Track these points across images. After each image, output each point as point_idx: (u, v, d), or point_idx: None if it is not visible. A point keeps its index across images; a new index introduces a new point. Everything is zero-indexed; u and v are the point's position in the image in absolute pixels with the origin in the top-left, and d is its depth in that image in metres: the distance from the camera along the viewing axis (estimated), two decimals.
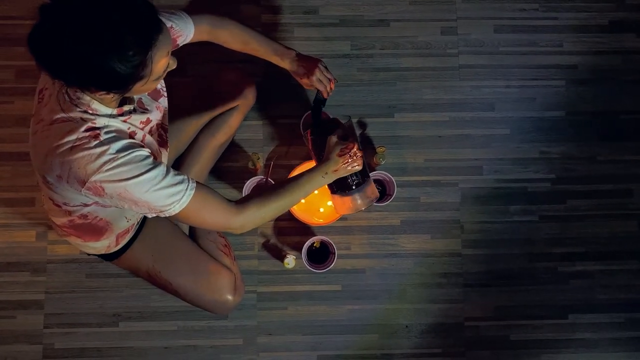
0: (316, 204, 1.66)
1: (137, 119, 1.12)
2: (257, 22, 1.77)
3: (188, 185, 1.05)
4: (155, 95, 1.22)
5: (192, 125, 1.51)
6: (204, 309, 1.52)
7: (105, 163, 0.98)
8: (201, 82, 1.65)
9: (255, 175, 1.63)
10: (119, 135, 1.03)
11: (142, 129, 1.14)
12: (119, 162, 0.99)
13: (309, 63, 1.37)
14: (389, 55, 1.79)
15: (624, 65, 1.81)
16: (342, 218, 1.63)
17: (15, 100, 1.73)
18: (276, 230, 1.71)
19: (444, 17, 1.80)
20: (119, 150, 0.99)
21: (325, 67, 1.39)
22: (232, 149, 1.72)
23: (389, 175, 1.61)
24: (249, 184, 1.61)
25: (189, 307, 1.60)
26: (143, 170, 1.00)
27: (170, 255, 1.46)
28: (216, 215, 1.09)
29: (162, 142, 1.27)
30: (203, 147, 1.56)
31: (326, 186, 1.35)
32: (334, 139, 1.27)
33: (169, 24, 1.18)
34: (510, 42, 1.80)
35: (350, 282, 1.70)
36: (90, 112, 1.01)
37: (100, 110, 1.02)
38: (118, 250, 1.40)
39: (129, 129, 1.09)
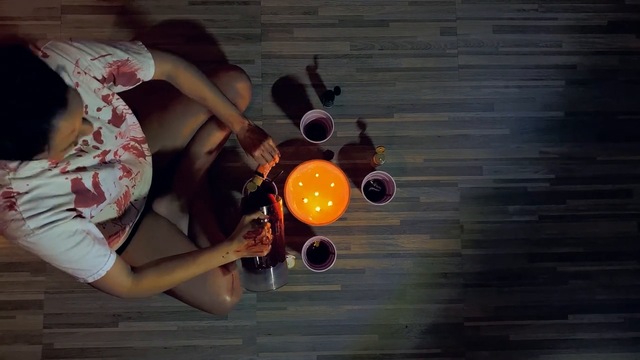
0: (314, 204, 1.66)
1: (83, 160, 1.10)
2: (257, 22, 1.77)
3: (105, 264, 1.11)
4: (116, 121, 1.20)
5: (189, 125, 1.51)
6: (201, 309, 1.51)
7: (24, 235, 0.99)
8: None
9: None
10: (39, 203, 0.99)
11: (101, 161, 1.15)
12: (37, 237, 1.00)
13: (256, 137, 1.40)
14: (388, 56, 1.79)
15: (623, 65, 1.81)
16: (342, 218, 1.63)
17: None
18: None
19: (444, 18, 1.81)
20: (37, 228, 0.99)
21: (272, 146, 1.41)
22: (232, 149, 1.72)
23: (389, 175, 1.62)
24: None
25: (188, 307, 1.60)
26: (64, 249, 1.03)
27: (167, 255, 1.45)
28: (116, 290, 1.17)
29: (140, 153, 1.30)
30: (200, 147, 1.56)
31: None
32: (247, 219, 1.26)
33: (125, 57, 1.16)
34: (510, 43, 1.80)
35: (349, 282, 1.70)
36: (8, 170, 0.97)
37: (21, 169, 0.98)
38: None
39: (67, 178, 1.06)
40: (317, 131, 1.71)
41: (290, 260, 1.61)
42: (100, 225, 1.23)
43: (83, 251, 1.07)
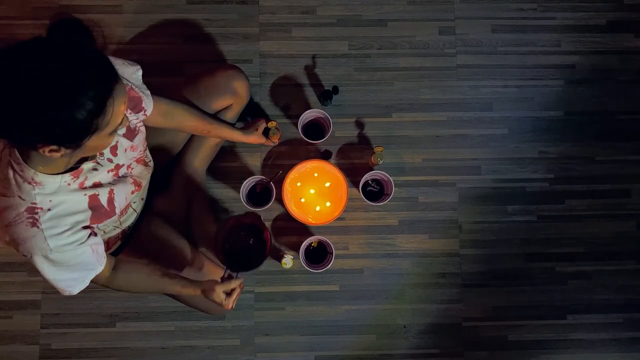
0: (312, 204, 1.65)
1: (99, 175, 1.11)
2: (255, 22, 1.77)
3: (92, 274, 1.14)
4: (130, 135, 1.20)
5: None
6: (199, 310, 1.51)
7: (43, 252, 1.01)
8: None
9: (272, 144, 1.65)
10: (60, 221, 1.02)
11: (114, 175, 1.16)
12: (54, 255, 1.02)
13: (252, 125, 1.59)
14: (386, 55, 1.78)
15: (621, 65, 1.80)
16: (340, 218, 1.63)
17: None
18: (274, 230, 1.71)
19: (442, 17, 1.80)
20: (56, 247, 1.01)
21: (262, 123, 1.60)
22: (229, 148, 1.72)
23: (387, 175, 1.61)
24: (247, 184, 1.61)
25: (186, 308, 1.59)
26: (70, 264, 1.07)
27: (164, 254, 1.45)
28: (97, 283, 1.21)
29: (145, 163, 1.33)
30: (198, 146, 1.56)
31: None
32: (220, 290, 1.26)
33: (129, 84, 1.16)
34: (508, 42, 1.80)
35: (348, 282, 1.70)
36: (34, 185, 0.97)
37: (46, 183, 0.99)
38: (110, 253, 1.39)
39: (85, 194, 1.08)
40: (316, 131, 1.70)
41: (289, 260, 1.61)
42: (101, 230, 1.23)
43: (84, 267, 1.10)
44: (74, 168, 1.03)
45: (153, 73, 1.43)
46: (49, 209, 1.00)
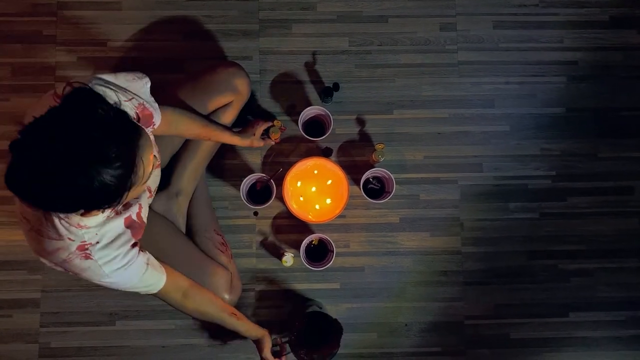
0: (312, 202, 1.64)
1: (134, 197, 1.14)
2: (255, 18, 1.76)
3: (159, 284, 1.25)
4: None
5: None
6: None
7: (101, 277, 1.09)
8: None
9: (272, 143, 1.62)
10: (110, 248, 1.08)
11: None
12: (112, 278, 1.10)
13: (249, 129, 1.55)
14: (387, 52, 1.77)
15: (624, 61, 1.79)
16: (341, 216, 1.62)
17: (11, 97, 1.72)
18: (274, 228, 1.70)
19: (443, 13, 1.79)
20: (112, 271, 1.09)
21: (263, 125, 1.57)
22: (229, 145, 1.70)
23: (388, 173, 1.60)
24: (247, 182, 1.60)
25: None
26: (132, 282, 1.17)
27: (165, 253, 1.43)
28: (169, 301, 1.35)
29: (158, 166, 1.36)
30: (198, 144, 1.55)
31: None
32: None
33: (141, 100, 1.15)
34: (510, 38, 1.79)
35: (349, 280, 1.69)
36: (80, 228, 1.01)
37: (91, 224, 1.03)
38: None
39: (122, 217, 1.12)
40: (316, 128, 1.69)
41: (289, 258, 1.60)
42: None
43: (146, 281, 1.19)
44: None
45: (153, 70, 1.42)
46: (97, 242, 1.05)
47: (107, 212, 1.04)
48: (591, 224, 1.74)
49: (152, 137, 1.23)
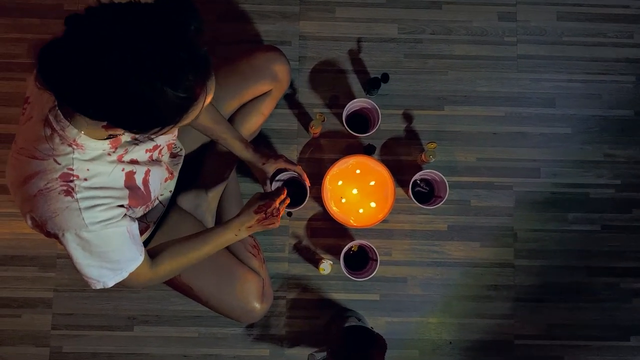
0: (354, 204, 1.49)
1: (137, 152, 0.98)
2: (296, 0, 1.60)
3: (132, 266, 0.98)
4: None
5: (225, 107, 1.35)
6: (227, 316, 1.37)
7: (77, 227, 0.87)
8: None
9: (312, 137, 1.48)
10: (97, 193, 0.88)
11: (149, 158, 1.04)
12: (89, 234, 0.88)
13: (270, 155, 1.29)
14: (440, 41, 1.61)
15: None
16: (383, 221, 1.47)
17: (28, 77, 1.57)
18: (309, 230, 1.55)
19: (502, 2, 1.63)
20: (92, 223, 0.87)
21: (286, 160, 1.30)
22: (262, 140, 1.57)
23: (440, 175, 1.44)
24: (280, 178, 1.45)
25: (210, 312, 1.46)
26: (106, 249, 0.92)
27: None
28: (134, 283, 1.03)
29: (173, 154, 1.20)
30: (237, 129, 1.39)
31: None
32: (256, 195, 1.15)
33: None
34: (575, 31, 1.62)
35: (389, 292, 1.54)
36: (74, 147, 0.85)
37: (87, 148, 0.86)
38: None
39: (123, 169, 0.94)
40: (359, 123, 1.54)
41: (327, 265, 1.45)
42: None
43: (121, 253, 0.94)
44: (112, 135, 0.89)
45: None
46: (86, 179, 0.87)
47: (106, 145, 0.88)
48: None
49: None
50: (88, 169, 0.87)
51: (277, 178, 1.43)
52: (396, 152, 1.57)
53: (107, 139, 0.88)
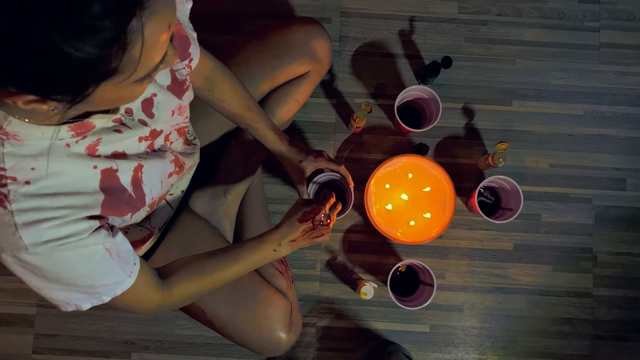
0: (402, 214, 1.24)
1: (124, 141, 0.72)
2: None
3: (119, 288, 0.72)
4: (177, 90, 0.81)
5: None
6: (247, 348, 1.11)
7: (13, 249, 0.61)
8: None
9: (353, 133, 1.24)
10: (45, 203, 0.62)
11: (148, 147, 0.78)
12: (33, 257, 0.62)
13: (310, 151, 1.05)
14: (507, 24, 1.37)
15: None
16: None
17: None
18: (346, 244, 1.30)
19: None
20: (35, 244, 0.61)
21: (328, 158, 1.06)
22: (294, 133, 1.32)
23: (513, 182, 1.19)
24: (315, 182, 1.20)
25: (224, 340, 1.19)
26: (67, 275, 0.65)
27: None
28: (138, 308, 0.80)
29: (187, 141, 0.97)
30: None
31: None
32: (299, 201, 0.93)
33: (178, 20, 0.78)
34: None
35: (441, 323, 1.28)
36: (3, 138, 0.59)
37: (26, 137, 0.60)
38: None
39: (96, 167, 0.67)
40: (409, 116, 1.30)
41: (370, 289, 1.19)
42: (122, 230, 0.82)
43: (93, 279, 0.68)
44: (76, 119, 0.63)
45: (204, 29, 1.02)
46: (28, 182, 0.61)
47: (63, 131, 0.62)
48: None
49: (190, 95, 0.85)
50: (33, 168, 0.61)
51: (313, 180, 1.18)
52: (453, 154, 1.32)
53: (65, 123, 0.62)
